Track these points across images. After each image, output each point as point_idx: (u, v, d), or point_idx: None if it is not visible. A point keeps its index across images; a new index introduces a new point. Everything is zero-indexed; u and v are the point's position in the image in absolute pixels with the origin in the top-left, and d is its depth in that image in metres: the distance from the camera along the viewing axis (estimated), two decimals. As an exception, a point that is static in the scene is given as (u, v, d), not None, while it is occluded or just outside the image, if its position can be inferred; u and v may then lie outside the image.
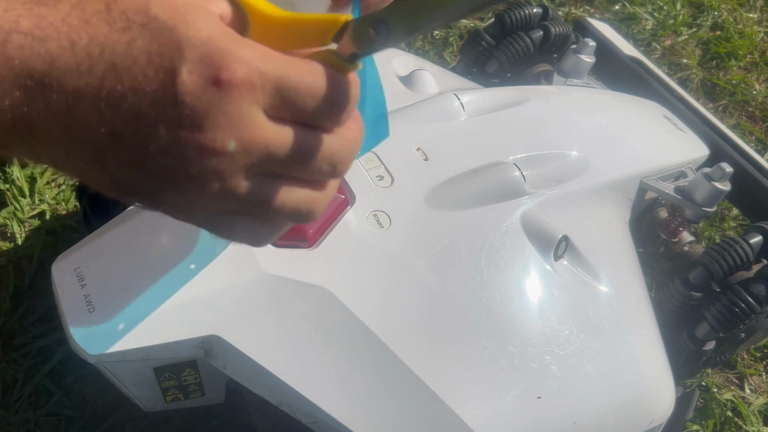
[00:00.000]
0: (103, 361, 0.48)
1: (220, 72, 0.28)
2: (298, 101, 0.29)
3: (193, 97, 0.28)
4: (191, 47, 0.28)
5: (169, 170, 0.29)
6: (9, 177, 0.83)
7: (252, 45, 0.29)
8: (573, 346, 0.54)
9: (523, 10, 0.85)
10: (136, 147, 0.29)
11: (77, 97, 0.28)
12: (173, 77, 0.28)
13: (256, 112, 0.29)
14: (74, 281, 0.49)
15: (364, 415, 0.48)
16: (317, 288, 0.50)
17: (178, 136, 0.28)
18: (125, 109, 0.28)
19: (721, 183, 0.70)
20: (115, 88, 0.28)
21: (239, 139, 0.29)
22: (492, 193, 0.59)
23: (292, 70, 0.29)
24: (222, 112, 0.28)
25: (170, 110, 0.28)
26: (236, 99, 0.28)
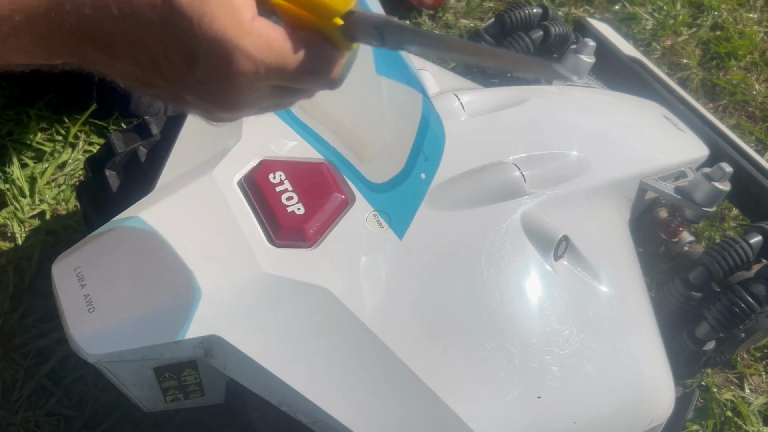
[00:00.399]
0: (102, 361, 0.48)
1: (231, 67, 0.33)
2: (296, 80, 0.35)
3: (213, 80, 0.34)
4: (206, 42, 0.32)
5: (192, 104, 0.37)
6: (9, 177, 0.83)
7: (258, 35, 0.33)
8: (573, 346, 0.54)
9: (523, 10, 0.85)
10: (173, 97, 0.36)
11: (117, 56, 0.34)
12: (194, 63, 0.33)
13: (263, 90, 0.35)
14: (74, 281, 0.49)
15: (364, 415, 0.48)
16: (317, 288, 0.50)
17: (204, 103, 0.36)
18: (157, 73, 0.35)
19: (721, 183, 0.70)
20: (144, 56, 0.34)
21: (252, 106, 0.36)
22: (492, 193, 0.59)
23: (291, 57, 0.34)
24: (236, 91, 0.35)
25: (194, 84, 0.34)
26: (246, 84, 0.34)
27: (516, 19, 0.84)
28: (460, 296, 0.53)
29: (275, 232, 0.52)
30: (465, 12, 1.14)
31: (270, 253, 0.51)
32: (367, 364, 0.49)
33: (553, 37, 0.83)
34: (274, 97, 0.37)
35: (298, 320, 0.50)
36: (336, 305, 0.50)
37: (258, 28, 0.33)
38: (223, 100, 0.35)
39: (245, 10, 0.33)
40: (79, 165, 0.86)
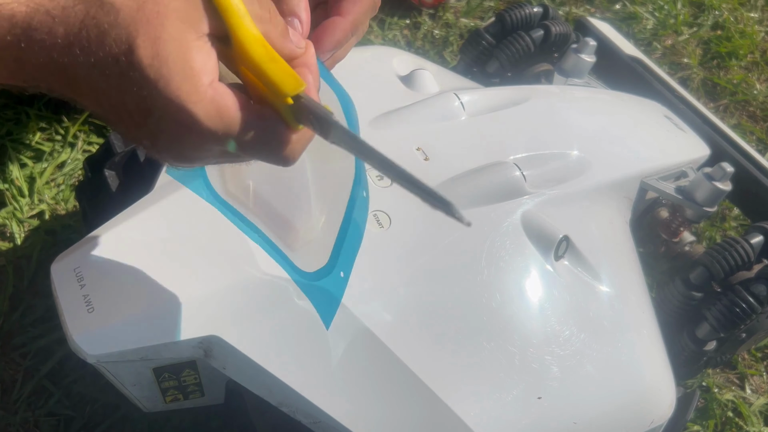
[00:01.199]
0: (102, 361, 0.47)
1: (180, 127, 0.34)
2: (243, 150, 0.36)
3: (164, 136, 0.35)
4: (161, 102, 0.33)
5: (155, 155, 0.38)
6: (8, 177, 0.83)
7: (210, 101, 0.34)
8: (573, 347, 0.54)
9: (523, 9, 0.85)
10: (133, 139, 0.37)
11: (82, 93, 0.35)
12: (149, 117, 0.34)
13: (211, 151, 0.36)
14: (73, 281, 0.49)
15: (364, 416, 0.48)
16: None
17: (157, 151, 0.37)
18: (116, 116, 0.35)
19: (722, 183, 0.70)
20: (104, 101, 0.35)
21: (201, 163, 0.39)
22: (492, 193, 0.59)
23: (239, 128, 0.35)
24: (185, 148, 0.36)
25: (149, 132, 0.36)
26: (194, 145, 0.36)
27: (516, 19, 0.84)
28: (460, 296, 0.53)
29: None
30: (465, 11, 1.14)
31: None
32: (366, 365, 0.49)
33: (553, 36, 0.83)
34: (226, 158, 0.38)
35: (298, 320, 0.50)
36: (336, 305, 0.50)
37: (211, 96, 0.34)
38: (174, 154, 0.37)
39: (204, 74, 0.34)
40: (78, 165, 0.86)
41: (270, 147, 0.36)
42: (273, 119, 0.36)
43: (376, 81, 0.69)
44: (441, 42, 1.10)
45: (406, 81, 0.70)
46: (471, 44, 0.86)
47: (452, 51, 1.08)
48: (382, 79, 0.70)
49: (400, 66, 0.72)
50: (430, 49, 1.09)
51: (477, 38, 0.85)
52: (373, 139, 0.60)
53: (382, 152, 0.35)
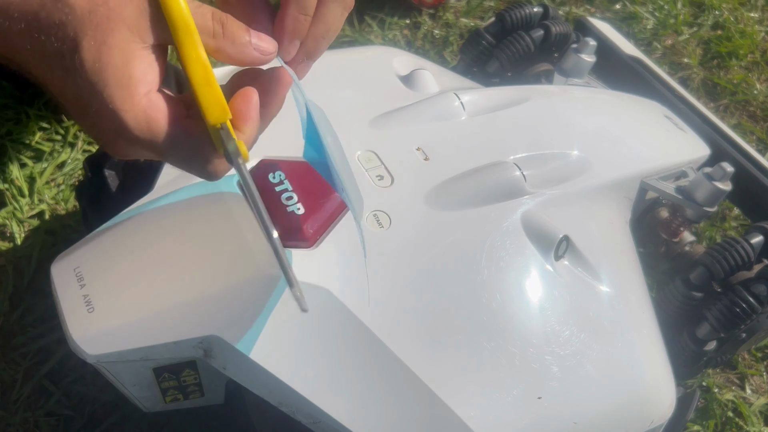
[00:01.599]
0: (102, 361, 0.47)
1: (113, 129, 0.35)
2: (169, 161, 0.38)
3: (102, 133, 0.36)
4: (97, 103, 0.34)
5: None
6: (8, 177, 0.83)
7: (142, 111, 0.35)
8: (573, 347, 0.54)
9: (523, 9, 0.85)
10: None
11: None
12: (89, 113, 0.35)
13: (142, 154, 0.38)
14: (73, 281, 0.49)
15: (364, 416, 0.48)
16: (317, 288, 0.50)
17: (104, 144, 0.38)
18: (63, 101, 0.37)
19: (722, 183, 0.70)
20: (62, 89, 0.36)
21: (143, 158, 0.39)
22: (492, 193, 0.59)
23: (165, 141, 0.36)
24: (121, 147, 0.37)
25: (93, 128, 0.37)
26: (126, 146, 0.37)
27: (516, 19, 0.84)
28: (460, 296, 0.53)
29: (275, 232, 0.52)
30: (465, 11, 1.14)
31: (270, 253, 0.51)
32: (367, 365, 0.49)
33: (553, 36, 0.83)
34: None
35: (298, 320, 0.50)
36: (336, 305, 0.50)
37: (144, 106, 0.35)
38: (111, 150, 0.38)
39: (141, 84, 0.35)
40: (78, 165, 0.86)
41: (192, 163, 0.37)
42: (199, 138, 0.37)
43: (376, 81, 0.69)
44: (441, 42, 1.10)
45: (406, 81, 0.70)
46: (471, 44, 0.86)
47: (452, 51, 1.08)
48: (382, 79, 0.70)
49: (400, 66, 0.72)
50: (430, 49, 1.09)
51: (477, 38, 0.85)
52: (374, 139, 0.61)
53: (263, 210, 0.37)
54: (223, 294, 0.49)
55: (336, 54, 0.74)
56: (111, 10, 0.34)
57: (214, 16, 0.36)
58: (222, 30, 0.36)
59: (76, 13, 0.33)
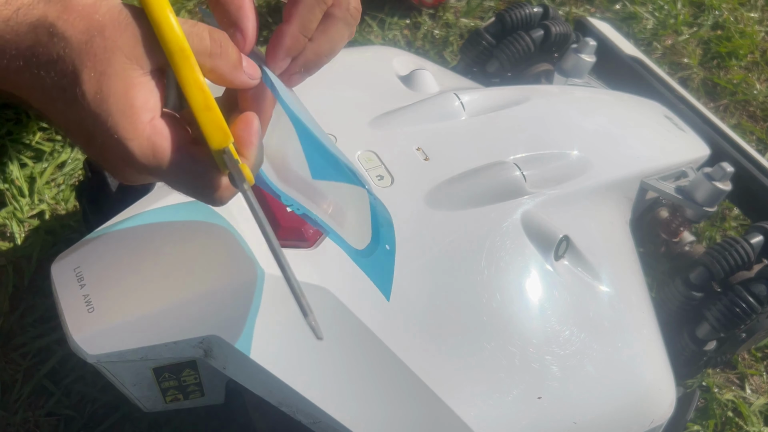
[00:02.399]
0: (102, 361, 0.47)
1: (116, 159, 0.36)
2: (175, 187, 0.38)
3: (106, 162, 0.37)
4: (100, 132, 0.35)
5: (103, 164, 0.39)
6: (8, 177, 0.83)
7: (146, 139, 0.35)
8: (573, 347, 0.54)
9: (523, 9, 0.85)
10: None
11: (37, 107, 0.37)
12: (92, 142, 0.35)
13: (147, 179, 0.38)
14: (74, 281, 0.49)
15: (364, 416, 0.48)
16: (317, 288, 0.50)
17: (108, 170, 0.38)
18: (66, 132, 0.38)
19: (722, 183, 0.70)
20: (63, 120, 0.36)
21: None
22: (492, 193, 0.59)
23: (171, 168, 0.36)
24: (127, 175, 0.37)
25: (98, 158, 0.37)
26: (131, 174, 0.37)
27: (516, 19, 0.84)
28: (461, 296, 0.53)
29: (275, 231, 0.52)
30: (465, 11, 1.14)
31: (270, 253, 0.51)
32: (367, 364, 0.49)
33: (553, 36, 0.83)
34: None
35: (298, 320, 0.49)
36: (336, 305, 0.50)
37: (149, 134, 0.35)
38: (119, 176, 0.38)
39: (144, 112, 0.35)
40: (78, 165, 0.86)
41: (198, 189, 0.37)
42: (205, 164, 0.36)
43: (376, 81, 0.69)
44: (441, 42, 1.10)
45: (406, 81, 0.70)
46: (471, 44, 0.86)
47: (452, 51, 1.08)
48: (382, 79, 0.70)
49: (400, 66, 0.72)
50: (430, 49, 1.09)
51: (477, 38, 0.85)
52: (374, 139, 0.61)
53: (270, 234, 0.37)
54: (223, 294, 0.49)
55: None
56: (107, 39, 0.33)
57: (211, 35, 0.36)
58: (219, 50, 0.36)
59: (73, 45, 0.33)
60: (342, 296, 0.50)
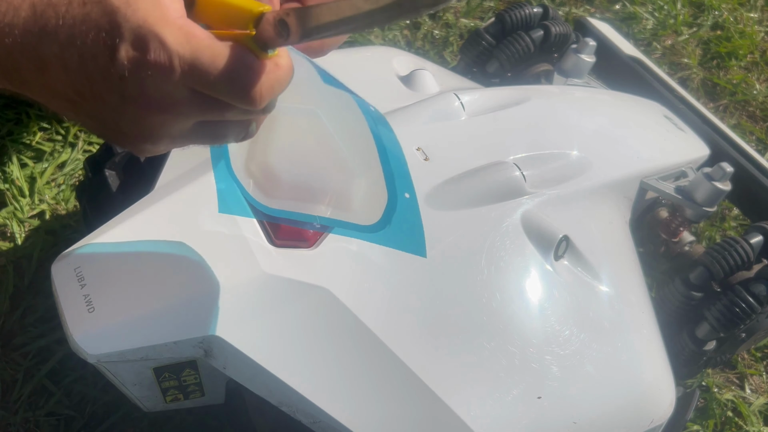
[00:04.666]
0: (102, 361, 0.47)
1: (146, 54, 0.33)
2: (209, 80, 0.35)
3: (131, 72, 0.34)
4: (128, 30, 0.33)
5: (123, 126, 0.37)
6: (9, 177, 0.83)
7: (178, 28, 0.33)
8: (573, 346, 0.54)
9: (523, 9, 0.85)
10: (95, 107, 0.36)
11: (45, 62, 0.35)
12: (115, 54, 0.33)
13: (179, 87, 0.35)
14: (74, 281, 0.49)
15: (364, 415, 0.48)
16: (317, 288, 0.50)
17: (124, 100, 0.35)
18: (84, 75, 0.34)
19: (722, 183, 0.70)
20: (72, 56, 0.34)
21: (170, 105, 0.35)
22: (492, 193, 0.59)
23: (206, 53, 0.34)
24: (154, 85, 0.34)
25: (116, 81, 0.34)
26: (161, 75, 0.34)
27: (516, 19, 0.84)
28: (461, 296, 0.53)
29: (275, 232, 0.52)
30: (465, 11, 1.14)
31: (270, 253, 0.51)
32: (367, 364, 0.49)
33: (553, 36, 0.83)
34: (196, 109, 0.36)
35: (298, 320, 0.50)
36: (336, 305, 0.50)
37: (180, 23, 0.34)
38: (143, 98, 0.35)
39: (172, 8, 0.34)
40: (78, 165, 0.86)
41: (240, 78, 0.35)
42: (242, 48, 0.35)
43: (376, 81, 0.69)
44: (441, 42, 1.10)
45: (406, 81, 0.70)
46: (471, 44, 0.86)
47: (452, 51, 1.08)
48: (382, 79, 0.70)
49: (400, 66, 0.72)
50: (430, 49, 1.09)
51: (477, 38, 0.86)
52: (373, 139, 0.61)
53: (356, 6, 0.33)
54: (223, 294, 0.49)
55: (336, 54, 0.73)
56: None
57: None
58: None
59: None
60: (342, 296, 0.50)
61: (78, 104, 0.36)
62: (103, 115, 0.37)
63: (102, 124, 0.38)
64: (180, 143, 0.39)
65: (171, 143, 0.38)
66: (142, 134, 0.37)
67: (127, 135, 0.37)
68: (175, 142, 0.38)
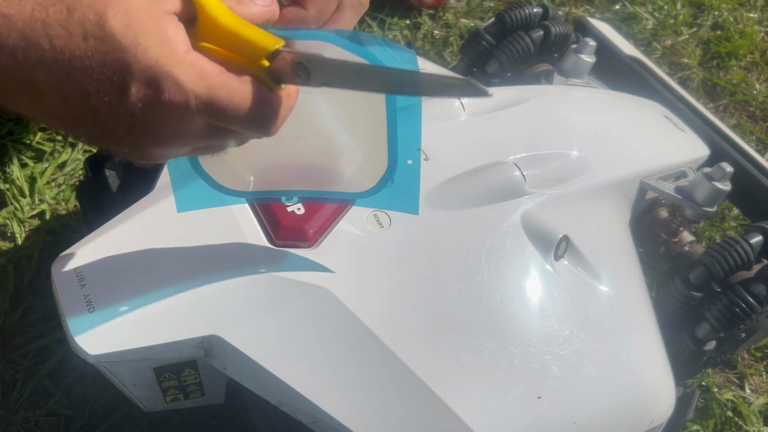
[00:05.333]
0: (102, 361, 0.47)
1: (161, 95, 0.33)
2: (227, 117, 0.35)
3: (142, 110, 0.33)
4: (139, 70, 0.32)
5: (132, 143, 0.36)
6: (9, 177, 0.83)
7: (190, 65, 0.33)
8: (573, 346, 0.54)
9: (523, 9, 0.85)
10: (95, 131, 0.35)
11: (39, 89, 0.33)
12: (124, 93, 0.33)
13: (194, 121, 0.35)
14: (74, 281, 0.49)
15: (364, 415, 0.48)
16: (317, 288, 0.50)
17: (133, 130, 0.35)
18: (87, 107, 0.34)
19: (722, 183, 0.70)
20: (74, 89, 0.33)
21: (182, 135, 0.35)
22: (492, 193, 0.59)
23: (222, 91, 0.34)
24: (167, 120, 0.34)
25: (126, 117, 0.34)
26: (176, 113, 0.34)
27: (516, 19, 0.84)
28: (461, 296, 0.53)
29: (275, 231, 0.52)
30: (465, 12, 1.14)
31: (270, 253, 0.51)
32: (367, 364, 0.49)
33: (553, 36, 0.83)
34: (206, 137, 0.36)
35: (298, 320, 0.50)
36: (336, 305, 0.50)
37: (191, 59, 0.34)
38: (153, 132, 0.35)
39: (179, 43, 0.33)
40: (78, 165, 0.86)
41: (255, 110, 0.35)
42: (257, 83, 0.35)
43: (376, 81, 0.69)
44: (441, 42, 1.10)
45: (406, 81, 0.70)
46: (471, 44, 0.86)
47: (452, 51, 1.08)
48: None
49: (400, 66, 0.72)
50: (430, 49, 1.09)
51: (477, 38, 0.86)
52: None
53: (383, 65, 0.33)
54: (223, 294, 0.49)
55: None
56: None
57: None
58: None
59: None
60: (342, 296, 0.50)
61: (76, 126, 0.36)
62: (103, 138, 0.36)
63: (100, 143, 0.37)
64: (179, 156, 0.40)
65: (170, 158, 0.40)
66: (143, 156, 0.37)
67: (127, 154, 0.38)
68: (175, 157, 0.40)
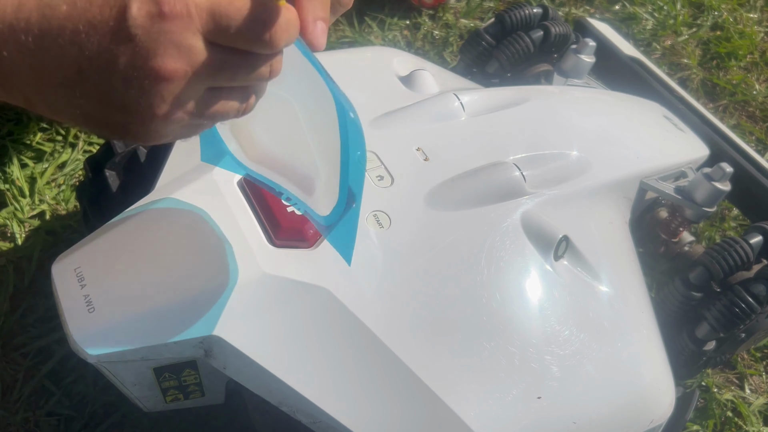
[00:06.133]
0: (102, 361, 0.47)
1: (162, 6, 0.32)
2: (229, 24, 0.34)
3: (143, 30, 0.32)
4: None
5: (132, 100, 0.34)
6: (9, 177, 0.83)
7: None
8: (573, 347, 0.54)
9: (523, 9, 0.85)
10: (101, 81, 0.33)
11: (44, 37, 0.32)
12: (124, 13, 0.32)
13: (197, 39, 0.33)
14: (74, 281, 0.49)
15: (364, 415, 0.48)
16: (317, 288, 0.50)
17: (135, 66, 0.33)
18: (88, 47, 0.32)
19: (722, 183, 0.70)
20: (77, 27, 0.32)
21: (185, 64, 0.34)
22: (492, 193, 0.59)
23: (224, 3, 0.33)
24: (169, 42, 0.33)
25: (126, 44, 0.32)
26: (178, 28, 0.33)
27: (516, 19, 0.84)
28: (460, 296, 0.53)
29: (275, 232, 0.52)
30: (465, 12, 1.14)
31: (270, 253, 0.51)
32: (366, 364, 0.49)
33: (553, 36, 0.83)
34: (210, 70, 0.35)
35: (298, 320, 0.50)
36: (336, 305, 0.50)
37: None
38: (155, 61, 0.33)
39: None
40: (78, 165, 0.86)
41: (259, 17, 0.34)
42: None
43: (376, 81, 0.69)
44: (441, 42, 1.10)
45: (406, 81, 0.70)
46: (471, 45, 0.86)
47: (452, 51, 1.08)
48: (382, 79, 0.70)
49: (400, 66, 0.72)
50: (430, 49, 1.09)
51: (477, 39, 0.86)
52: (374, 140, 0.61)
53: None
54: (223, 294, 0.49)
55: (336, 54, 0.74)
56: None
57: None
58: None
59: None
60: (342, 296, 0.50)
61: (77, 84, 0.34)
62: (106, 90, 0.34)
63: (104, 103, 0.35)
64: (187, 124, 0.37)
65: (178, 123, 0.36)
66: (150, 108, 0.35)
67: (133, 113, 0.35)
68: (182, 122, 0.36)
